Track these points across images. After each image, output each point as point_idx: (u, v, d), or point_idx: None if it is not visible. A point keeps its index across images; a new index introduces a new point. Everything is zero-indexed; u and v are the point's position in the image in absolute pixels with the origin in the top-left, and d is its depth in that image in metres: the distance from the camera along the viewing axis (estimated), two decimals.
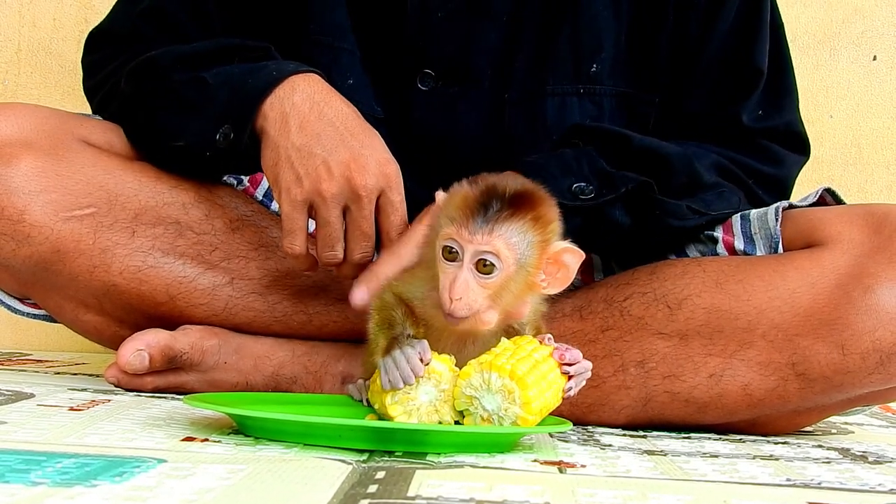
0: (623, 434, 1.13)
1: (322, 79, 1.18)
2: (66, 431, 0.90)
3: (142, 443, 0.86)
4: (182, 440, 0.89)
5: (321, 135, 1.12)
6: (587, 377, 0.98)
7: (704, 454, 1.00)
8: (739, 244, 1.21)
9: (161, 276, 1.23)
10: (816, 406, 1.16)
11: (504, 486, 0.76)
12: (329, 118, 1.13)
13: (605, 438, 1.08)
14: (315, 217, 1.12)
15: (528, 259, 0.91)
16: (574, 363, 0.96)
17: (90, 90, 1.38)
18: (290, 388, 1.27)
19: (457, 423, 0.94)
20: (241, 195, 1.32)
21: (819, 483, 0.86)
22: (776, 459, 0.99)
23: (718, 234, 1.23)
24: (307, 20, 1.29)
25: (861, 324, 1.09)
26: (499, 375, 0.91)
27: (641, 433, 1.15)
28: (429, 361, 0.92)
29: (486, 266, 0.90)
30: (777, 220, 1.19)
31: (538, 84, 1.28)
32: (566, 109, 1.28)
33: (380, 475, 0.78)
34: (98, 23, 1.40)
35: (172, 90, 1.21)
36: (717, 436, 1.16)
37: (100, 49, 1.37)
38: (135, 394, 1.22)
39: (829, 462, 0.99)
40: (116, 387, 1.25)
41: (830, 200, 1.26)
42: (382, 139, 1.16)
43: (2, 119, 1.20)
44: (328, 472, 0.77)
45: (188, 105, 1.19)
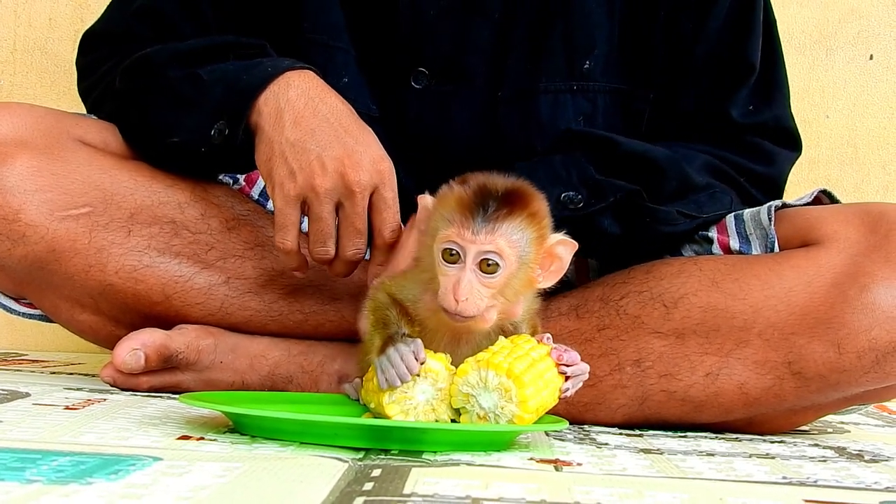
0: (619, 433, 1.13)
1: (317, 75, 1.18)
2: (62, 430, 0.90)
3: (137, 441, 0.86)
4: (178, 438, 0.89)
5: (315, 130, 1.12)
6: (584, 379, 0.98)
7: (701, 453, 1.00)
8: (735, 244, 1.21)
9: (157, 276, 1.23)
10: (812, 405, 1.16)
11: (500, 484, 0.76)
12: (324, 114, 1.13)
13: (602, 437, 1.08)
14: (308, 213, 1.12)
15: (528, 255, 0.92)
16: (572, 364, 0.96)
17: (85, 91, 1.38)
18: (286, 388, 1.27)
19: (453, 422, 0.94)
20: (237, 194, 1.32)
21: (815, 481, 0.86)
22: (772, 458, 0.99)
23: (713, 235, 1.23)
24: (301, 19, 1.29)
25: (857, 323, 1.09)
26: (496, 373, 0.91)
27: (638, 432, 1.15)
28: (424, 360, 0.92)
29: (490, 265, 0.90)
30: (770, 220, 1.19)
31: (531, 82, 1.28)
32: (559, 107, 1.28)
33: (376, 473, 0.78)
34: (92, 23, 1.40)
35: (167, 87, 1.20)
36: (714, 434, 1.17)
37: (94, 50, 1.36)
38: (130, 393, 1.22)
39: (825, 460, 0.99)
40: (112, 386, 1.25)
41: (826, 202, 1.26)
42: (377, 137, 1.15)
43: None
44: (324, 471, 0.77)
45: (183, 101, 1.19)
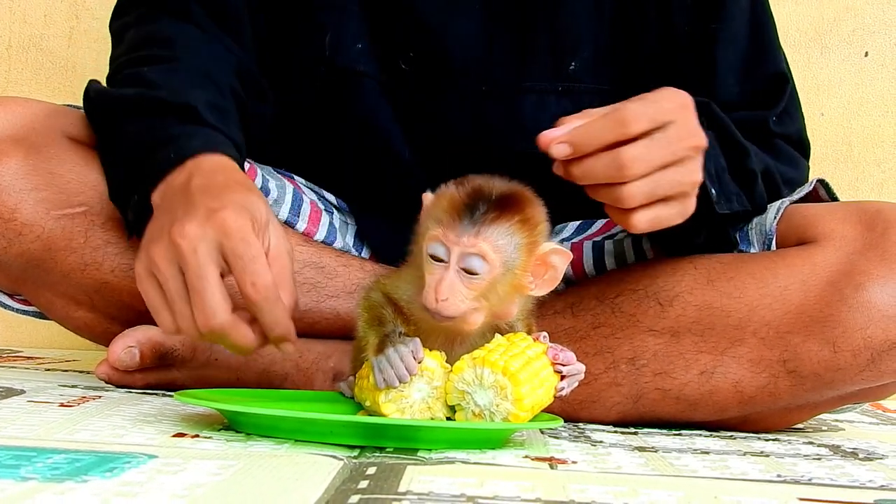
0: (614, 431, 1.14)
1: (226, 156, 1.07)
2: (57, 427, 0.90)
3: (132, 439, 0.86)
4: (173, 436, 0.89)
5: (172, 207, 0.98)
6: (580, 378, 0.98)
7: (695, 451, 1.00)
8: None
9: None
10: (807, 403, 1.17)
11: (495, 482, 0.76)
12: (189, 189, 0.99)
13: (597, 435, 1.08)
14: None
15: (516, 261, 0.91)
16: (567, 364, 0.96)
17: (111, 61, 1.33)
18: (281, 385, 1.27)
19: (448, 420, 0.94)
20: None
21: (809, 479, 0.86)
22: (767, 456, 0.99)
23: None
24: None
25: (852, 321, 1.10)
26: (491, 371, 0.91)
27: (632, 430, 1.16)
28: (422, 359, 0.92)
29: (472, 268, 0.90)
30: (776, 218, 1.19)
31: (515, 80, 1.27)
32: (544, 108, 1.27)
33: (371, 471, 0.78)
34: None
35: (94, 128, 1.19)
36: (708, 432, 1.17)
37: (125, 13, 1.31)
38: (125, 390, 1.22)
39: (820, 459, 0.99)
40: (107, 383, 1.25)
41: (823, 193, 1.26)
42: (249, 191, 0.99)
43: None
44: (319, 468, 0.77)
45: (103, 150, 1.18)
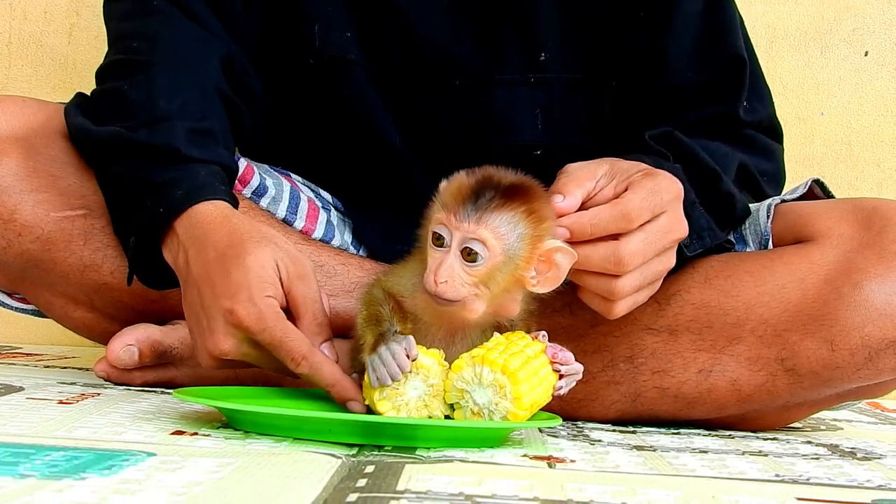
0: (612, 429, 1.14)
1: (207, 202, 1.07)
2: (56, 425, 0.90)
3: (131, 436, 0.86)
4: (171, 434, 0.89)
5: (193, 302, 1.03)
6: (578, 378, 0.98)
7: (693, 450, 1.00)
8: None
9: None
10: (805, 401, 1.17)
11: (493, 481, 0.76)
12: (194, 278, 1.03)
13: (595, 433, 1.08)
14: None
15: (518, 251, 0.91)
16: (566, 364, 0.96)
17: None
18: (280, 383, 1.27)
19: (447, 418, 0.94)
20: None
21: (808, 479, 0.86)
22: (765, 455, 0.99)
23: None
24: None
25: (850, 319, 1.10)
26: (491, 370, 0.91)
27: (631, 428, 1.16)
28: (415, 357, 0.92)
29: (472, 254, 0.90)
30: (768, 218, 1.19)
31: (486, 73, 1.27)
32: (516, 99, 1.28)
33: (369, 469, 0.78)
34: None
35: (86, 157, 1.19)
36: (707, 431, 1.17)
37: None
38: (124, 388, 1.22)
39: (818, 458, 0.99)
40: (106, 381, 1.25)
41: (819, 192, 1.26)
42: (238, 256, 1.00)
43: None
44: (318, 466, 0.77)
45: (103, 190, 1.17)
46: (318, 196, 1.36)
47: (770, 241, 1.19)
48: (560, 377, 0.96)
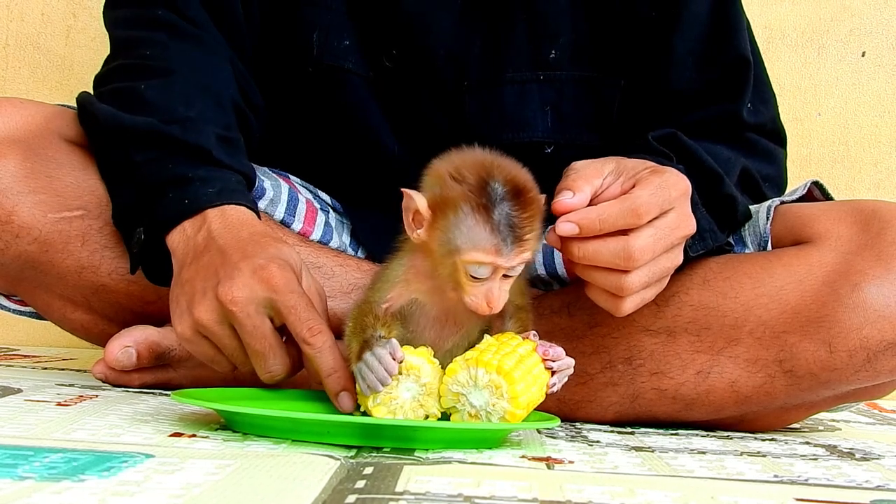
0: (611, 430, 1.14)
1: (243, 207, 1.11)
2: (54, 426, 0.90)
3: (129, 438, 0.86)
4: (170, 435, 0.89)
5: (208, 265, 1.03)
6: (570, 373, 0.98)
7: (692, 450, 1.00)
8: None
9: None
10: (804, 403, 1.17)
11: (492, 482, 0.76)
12: (219, 246, 1.04)
13: (593, 435, 1.08)
14: None
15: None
16: (557, 359, 0.96)
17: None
18: (278, 385, 1.27)
19: (444, 417, 0.94)
20: None
21: (806, 480, 0.87)
22: (763, 456, 0.99)
23: None
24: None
25: (848, 321, 1.10)
26: (486, 371, 0.91)
27: (629, 429, 1.16)
28: (402, 359, 0.92)
29: (513, 271, 0.91)
30: (768, 219, 1.19)
31: (496, 72, 1.27)
32: (525, 97, 1.28)
33: (368, 471, 0.78)
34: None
35: (100, 153, 1.19)
36: (705, 432, 1.17)
37: (118, 6, 1.30)
38: (122, 389, 1.22)
39: (817, 459, 1.00)
40: (104, 382, 1.25)
41: (818, 194, 1.26)
42: (278, 241, 1.05)
43: None
44: (316, 468, 0.77)
45: (112, 176, 1.18)
46: (317, 197, 1.36)
47: (769, 243, 1.19)
48: (552, 374, 0.96)
